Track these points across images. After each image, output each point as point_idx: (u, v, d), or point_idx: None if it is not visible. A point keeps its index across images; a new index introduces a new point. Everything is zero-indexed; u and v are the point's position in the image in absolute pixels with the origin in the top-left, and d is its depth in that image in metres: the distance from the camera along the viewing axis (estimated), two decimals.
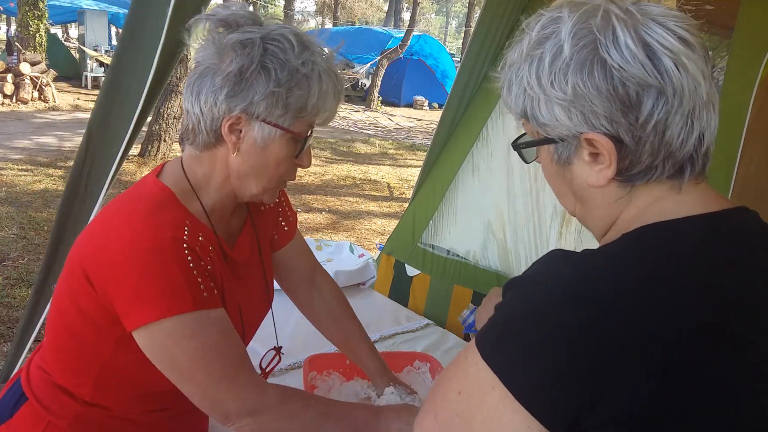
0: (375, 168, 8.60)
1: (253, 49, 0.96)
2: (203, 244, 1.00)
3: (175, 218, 0.99)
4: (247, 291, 1.16)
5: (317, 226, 5.60)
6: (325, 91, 1.01)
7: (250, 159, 1.02)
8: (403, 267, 2.52)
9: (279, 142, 1.01)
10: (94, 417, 1.05)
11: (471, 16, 21.79)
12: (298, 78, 0.98)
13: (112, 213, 1.00)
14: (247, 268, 1.17)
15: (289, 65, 0.97)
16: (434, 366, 1.52)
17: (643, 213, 0.73)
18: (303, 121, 1.02)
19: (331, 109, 1.04)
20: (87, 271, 0.95)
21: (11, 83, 10.86)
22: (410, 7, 27.11)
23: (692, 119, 0.70)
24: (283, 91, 0.97)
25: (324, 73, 1.00)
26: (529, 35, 0.75)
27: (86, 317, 0.99)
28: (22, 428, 1.06)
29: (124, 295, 0.92)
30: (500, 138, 2.36)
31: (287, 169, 1.06)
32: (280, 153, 1.02)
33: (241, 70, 0.96)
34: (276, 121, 0.99)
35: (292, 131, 1.01)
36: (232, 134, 1.00)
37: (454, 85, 2.45)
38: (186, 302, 0.93)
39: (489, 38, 2.36)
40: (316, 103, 1.00)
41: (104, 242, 0.95)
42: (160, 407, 1.09)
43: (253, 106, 0.97)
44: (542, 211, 2.20)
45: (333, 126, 12.17)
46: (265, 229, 1.27)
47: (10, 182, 5.89)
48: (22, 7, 12.26)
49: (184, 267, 0.94)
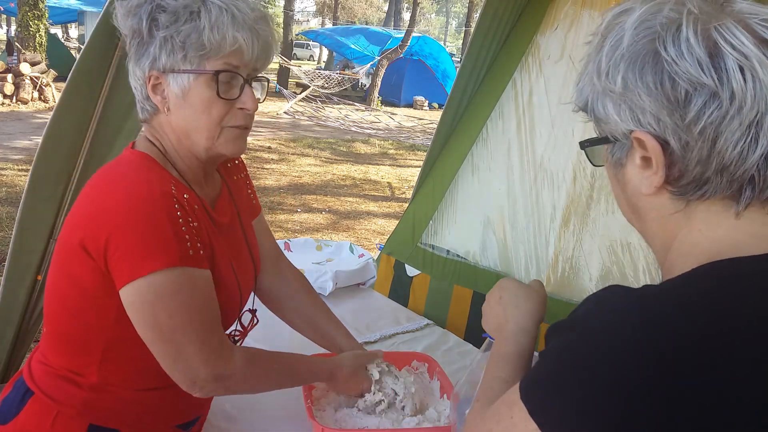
0: (375, 168, 8.60)
1: (142, 6, 0.99)
2: (189, 201, 1.02)
3: (160, 176, 1.02)
4: (235, 252, 1.19)
5: (317, 226, 5.60)
6: (217, 20, 0.99)
7: (180, 112, 1.04)
8: (403, 267, 2.52)
9: (196, 86, 1.02)
10: (101, 402, 1.07)
11: (471, 16, 21.79)
12: (185, 15, 0.99)
13: (99, 183, 1.03)
14: (232, 231, 1.20)
15: (172, 7, 0.99)
16: (433, 366, 1.52)
17: (711, 242, 0.66)
18: (212, 59, 1.01)
19: (238, 41, 1.01)
20: (83, 241, 0.97)
21: (11, 83, 10.86)
22: (410, 7, 27.12)
23: (757, 131, 0.61)
24: (173, 32, 0.99)
25: (213, 4, 1.00)
26: (601, 27, 0.70)
27: (85, 293, 1.01)
28: (33, 421, 1.06)
29: (120, 252, 0.94)
30: (500, 138, 2.36)
31: (222, 112, 1.04)
32: (202, 96, 1.02)
33: (137, 30, 1.00)
34: (183, 67, 1.01)
35: (203, 70, 1.01)
36: (157, 95, 1.04)
37: (454, 85, 2.45)
38: (173, 256, 0.95)
39: (489, 38, 2.36)
40: (210, 36, 0.99)
41: (98, 207, 0.98)
42: (166, 384, 1.10)
43: (157, 61, 1.01)
44: (542, 211, 2.20)
45: (333, 126, 12.17)
46: (239, 197, 1.29)
47: (10, 182, 5.89)
48: (22, 7, 12.26)
49: (174, 221, 0.97)
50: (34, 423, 1.06)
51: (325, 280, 2.14)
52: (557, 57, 2.24)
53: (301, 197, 6.53)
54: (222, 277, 1.09)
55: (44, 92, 11.22)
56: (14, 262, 1.73)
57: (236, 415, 1.38)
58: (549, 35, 2.27)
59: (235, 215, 1.24)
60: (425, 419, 1.31)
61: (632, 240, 1.99)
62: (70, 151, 1.70)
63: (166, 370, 1.02)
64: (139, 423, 1.11)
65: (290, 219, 5.69)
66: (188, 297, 0.99)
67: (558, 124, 2.19)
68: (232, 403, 1.41)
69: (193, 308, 1.00)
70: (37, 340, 1.20)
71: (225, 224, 1.17)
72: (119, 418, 1.09)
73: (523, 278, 2.21)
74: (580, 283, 2.08)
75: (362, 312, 2.09)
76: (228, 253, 1.14)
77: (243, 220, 1.27)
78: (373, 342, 1.87)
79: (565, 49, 2.22)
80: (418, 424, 1.29)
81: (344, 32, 18.93)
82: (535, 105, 2.27)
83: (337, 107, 14.69)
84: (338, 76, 16.40)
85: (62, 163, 1.70)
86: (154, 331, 0.99)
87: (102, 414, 1.07)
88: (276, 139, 9.99)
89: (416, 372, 1.51)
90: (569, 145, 2.14)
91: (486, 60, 2.40)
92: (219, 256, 1.09)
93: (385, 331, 1.97)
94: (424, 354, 1.58)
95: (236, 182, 1.30)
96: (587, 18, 2.17)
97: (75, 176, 1.72)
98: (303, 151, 9.23)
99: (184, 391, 1.12)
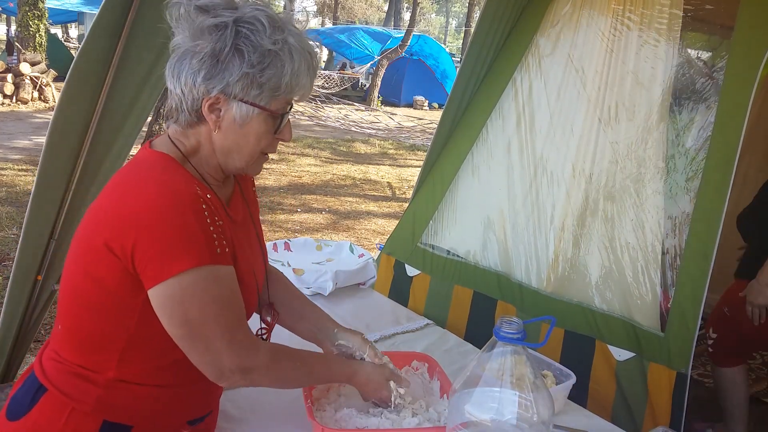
0: (375, 168, 8.60)
1: (225, 31, 1.01)
2: (213, 201, 1.05)
3: (185, 177, 1.05)
4: (249, 248, 1.22)
5: (317, 226, 5.60)
6: (298, 69, 1.05)
7: (230, 136, 1.08)
8: (403, 267, 2.52)
9: (257, 119, 1.07)
10: (115, 398, 1.08)
11: (471, 16, 21.76)
12: (270, 58, 1.03)
13: (120, 184, 1.05)
14: (245, 228, 1.23)
15: (261, 46, 1.02)
16: (433, 366, 1.52)
17: None
18: (279, 99, 1.07)
19: (305, 86, 1.08)
20: (108, 241, 0.99)
21: (11, 83, 10.86)
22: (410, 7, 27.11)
23: None
24: (257, 72, 1.03)
25: (296, 52, 1.05)
26: None
27: (108, 292, 1.02)
28: (46, 417, 1.07)
29: (150, 253, 0.97)
30: (500, 138, 2.36)
31: (268, 144, 1.12)
32: (259, 130, 1.08)
33: (216, 53, 1.02)
34: (253, 101, 1.05)
35: (269, 109, 1.07)
36: (212, 113, 1.06)
37: (454, 85, 2.45)
38: (204, 255, 0.99)
39: (489, 38, 2.36)
40: (289, 81, 1.05)
41: (125, 208, 0.99)
42: (181, 380, 1.11)
43: (229, 87, 1.03)
44: (542, 211, 2.20)
45: (333, 126, 12.17)
46: (249, 194, 1.33)
47: (10, 182, 5.89)
48: (22, 7, 12.25)
49: (202, 221, 1.00)
50: (47, 419, 1.07)
51: (325, 280, 2.14)
52: (557, 57, 2.24)
53: (301, 197, 6.53)
54: (241, 273, 1.12)
55: (44, 92, 11.22)
56: (20, 263, 1.74)
57: (237, 415, 1.39)
58: (549, 35, 2.27)
59: (247, 212, 1.27)
60: (425, 419, 1.31)
61: (631, 240, 1.99)
62: (71, 152, 1.71)
63: (194, 362, 1.05)
64: (152, 419, 1.12)
65: (290, 219, 5.69)
66: (217, 293, 1.02)
67: (558, 124, 2.20)
68: (233, 403, 1.41)
69: (222, 304, 1.03)
70: (38, 340, 1.21)
71: (239, 221, 1.20)
72: (133, 415, 1.10)
73: (523, 278, 2.21)
74: (580, 283, 2.08)
75: (362, 312, 2.09)
76: (247, 249, 1.18)
77: (254, 216, 1.30)
78: (373, 342, 1.87)
79: (565, 49, 2.22)
80: (419, 424, 1.29)
81: (344, 32, 18.93)
82: (535, 105, 2.27)
83: (337, 107, 14.68)
84: (338, 76, 16.39)
85: (64, 163, 1.70)
86: (185, 327, 1.02)
87: (116, 410, 1.08)
88: None
89: (416, 372, 1.52)
90: (569, 145, 2.14)
91: (486, 60, 2.40)
92: (239, 252, 1.12)
93: (385, 331, 1.97)
94: (424, 354, 1.58)
95: (245, 180, 1.33)
96: (587, 18, 2.18)
97: (75, 176, 1.73)
98: (303, 151, 9.23)
99: (198, 388, 1.14)
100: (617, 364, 1.93)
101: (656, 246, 1.95)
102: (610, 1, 2.12)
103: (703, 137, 1.91)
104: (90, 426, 1.07)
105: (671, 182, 1.96)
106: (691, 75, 2.00)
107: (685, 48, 2.01)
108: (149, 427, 1.12)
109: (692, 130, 1.96)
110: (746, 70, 1.78)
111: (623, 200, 2.03)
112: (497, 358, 0.99)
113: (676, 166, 1.96)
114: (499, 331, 0.99)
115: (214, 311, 1.02)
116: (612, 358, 1.94)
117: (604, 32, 2.12)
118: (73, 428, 1.06)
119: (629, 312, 1.96)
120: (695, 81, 1.98)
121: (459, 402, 1.01)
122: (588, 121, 2.10)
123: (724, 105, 1.82)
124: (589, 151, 2.09)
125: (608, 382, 1.94)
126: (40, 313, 1.87)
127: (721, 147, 1.80)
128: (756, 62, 1.77)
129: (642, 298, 1.94)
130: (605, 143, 2.07)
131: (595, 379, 1.97)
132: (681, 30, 1.98)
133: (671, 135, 1.98)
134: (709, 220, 1.79)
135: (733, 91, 1.80)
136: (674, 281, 1.88)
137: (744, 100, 1.76)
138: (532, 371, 0.99)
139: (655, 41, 2.01)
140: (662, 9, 2.00)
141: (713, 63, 2.00)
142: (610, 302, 2.01)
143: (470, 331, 2.24)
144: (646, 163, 2.00)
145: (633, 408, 1.88)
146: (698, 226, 1.82)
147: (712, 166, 1.82)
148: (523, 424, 0.97)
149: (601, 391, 1.95)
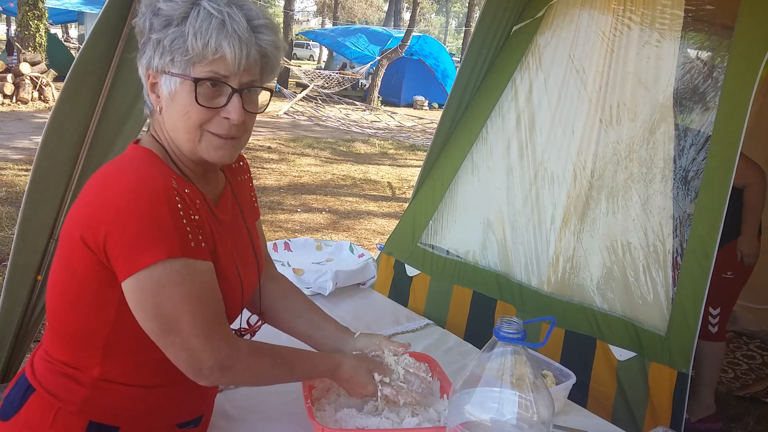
0: (375, 168, 8.60)
1: (149, 7, 1.03)
2: (190, 195, 1.03)
3: (162, 170, 1.04)
4: (238, 250, 1.20)
5: (317, 226, 5.60)
6: (201, 27, 0.99)
7: (168, 113, 1.07)
8: (403, 267, 2.52)
9: (181, 90, 1.04)
10: (101, 399, 1.07)
11: (471, 16, 21.77)
12: (174, 21, 1.01)
13: (100, 178, 1.04)
14: (234, 229, 1.21)
15: (165, 11, 1.02)
16: (433, 366, 1.51)
17: None
18: (200, 66, 1.01)
19: (222, 49, 1.00)
20: (83, 235, 0.98)
21: (11, 83, 10.85)
22: (410, 7, 27.10)
23: None
24: (162, 37, 1.02)
25: (203, 12, 1.00)
26: None
27: (86, 286, 1.02)
28: (34, 417, 1.07)
29: (121, 245, 0.96)
30: (500, 138, 2.36)
31: (202, 118, 1.04)
32: (185, 101, 1.03)
33: (142, 29, 1.04)
34: (171, 70, 1.03)
35: (187, 76, 1.02)
36: (154, 93, 1.07)
37: (454, 85, 2.45)
38: (174, 247, 0.97)
39: (489, 38, 2.36)
40: (193, 42, 0.99)
41: (98, 201, 0.99)
42: (167, 381, 1.10)
43: (152, 60, 1.04)
44: (542, 211, 2.20)
45: (333, 126, 12.17)
46: (243, 197, 1.31)
47: (10, 182, 5.89)
48: (22, 7, 12.25)
49: (174, 213, 0.98)
50: (36, 419, 1.07)
51: (325, 280, 2.13)
52: (557, 57, 2.24)
53: (301, 197, 6.53)
54: (224, 271, 1.10)
55: (44, 92, 11.21)
56: (15, 262, 1.73)
57: (236, 415, 1.38)
58: (549, 35, 2.27)
59: (238, 214, 1.25)
60: (425, 419, 1.31)
61: (632, 240, 1.99)
62: (70, 152, 1.70)
63: (172, 359, 1.04)
64: (139, 421, 1.11)
65: (290, 219, 5.69)
66: (191, 287, 1.00)
67: (558, 124, 2.19)
68: (232, 404, 1.41)
69: (197, 299, 1.01)
70: (37, 339, 1.20)
71: (227, 221, 1.18)
72: (119, 416, 1.09)
73: (523, 278, 2.21)
74: (581, 283, 2.08)
75: (362, 312, 2.09)
76: (231, 249, 1.16)
77: (247, 220, 1.28)
78: None
79: (566, 49, 2.22)
80: (419, 424, 1.28)
81: (344, 32, 18.93)
82: (535, 105, 2.27)
83: (337, 107, 14.68)
84: (338, 76, 16.40)
85: (63, 163, 1.70)
86: (158, 321, 1.00)
87: (102, 411, 1.08)
88: (276, 139, 9.99)
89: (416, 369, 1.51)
90: (569, 145, 2.14)
91: (486, 60, 2.40)
92: (221, 250, 1.10)
93: (385, 331, 1.96)
94: (424, 354, 1.58)
95: (240, 183, 1.31)
96: (587, 18, 2.17)
97: (75, 176, 1.73)
98: (303, 151, 9.23)
99: (185, 390, 1.13)
100: (618, 363, 1.93)
101: (658, 245, 1.95)
102: (611, 1, 2.12)
103: (704, 137, 1.91)
104: (76, 426, 1.06)
105: (672, 182, 1.96)
106: (691, 75, 2.00)
107: (686, 48, 2.01)
108: (136, 429, 1.11)
109: (693, 130, 1.96)
110: (746, 70, 1.78)
111: (624, 200, 2.03)
112: (497, 358, 0.99)
113: (677, 166, 1.96)
114: (499, 331, 0.98)
115: (189, 306, 1.00)
116: (613, 358, 1.94)
117: (604, 32, 2.12)
118: (59, 428, 1.06)
119: (630, 312, 1.96)
120: (696, 81, 1.98)
121: (459, 402, 1.01)
122: (589, 121, 2.10)
123: (725, 105, 1.82)
124: (590, 151, 2.09)
125: (609, 382, 1.94)
126: (40, 313, 1.86)
127: (721, 147, 1.80)
128: (756, 62, 1.77)
129: (643, 298, 1.94)
130: (606, 143, 2.07)
131: (595, 378, 1.97)
132: (682, 30, 1.98)
133: (672, 135, 1.98)
134: (710, 219, 1.79)
135: (734, 91, 1.80)
136: (675, 281, 1.88)
137: (744, 100, 1.76)
138: (532, 371, 0.98)
139: (657, 41, 2.01)
140: (663, 9, 2.00)
141: (713, 63, 2.00)
142: (611, 302, 2.01)
143: (470, 331, 2.24)
144: (647, 163, 2.00)
145: (633, 408, 1.88)
146: (699, 226, 1.82)
147: (713, 166, 1.82)
148: (523, 424, 0.96)
149: (602, 390, 1.95)
